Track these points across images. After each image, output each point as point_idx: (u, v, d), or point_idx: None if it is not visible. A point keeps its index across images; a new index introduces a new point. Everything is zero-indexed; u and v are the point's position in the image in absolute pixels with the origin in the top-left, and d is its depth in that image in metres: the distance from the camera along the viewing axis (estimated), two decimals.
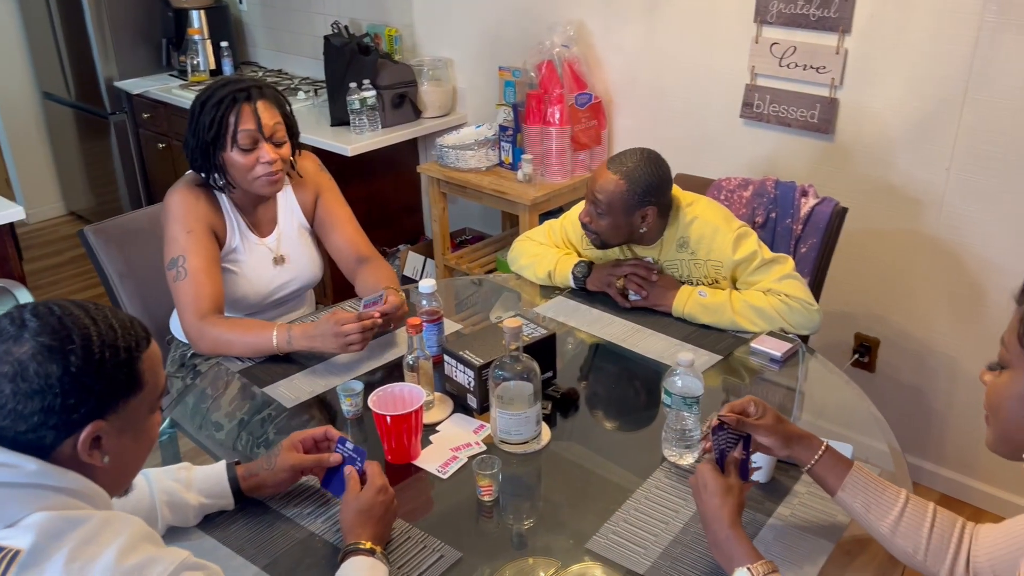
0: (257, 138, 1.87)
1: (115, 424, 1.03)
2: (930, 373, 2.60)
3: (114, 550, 0.95)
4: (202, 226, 1.92)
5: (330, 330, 1.76)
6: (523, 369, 1.49)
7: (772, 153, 2.70)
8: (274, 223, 2.06)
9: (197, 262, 1.89)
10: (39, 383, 0.97)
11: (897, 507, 1.22)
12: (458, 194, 3.21)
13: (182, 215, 1.91)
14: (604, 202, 1.90)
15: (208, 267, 1.90)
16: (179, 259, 1.89)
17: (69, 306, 1.02)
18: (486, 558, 1.32)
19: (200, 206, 1.94)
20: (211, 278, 1.90)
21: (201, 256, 1.90)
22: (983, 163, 2.31)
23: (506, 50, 3.28)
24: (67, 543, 0.94)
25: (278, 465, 1.39)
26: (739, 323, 1.90)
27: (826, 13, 2.44)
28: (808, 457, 1.27)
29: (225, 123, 1.86)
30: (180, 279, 1.88)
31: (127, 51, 4.19)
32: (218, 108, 1.85)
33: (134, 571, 0.95)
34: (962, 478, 2.62)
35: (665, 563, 1.28)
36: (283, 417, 1.67)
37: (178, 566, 0.98)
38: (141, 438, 1.08)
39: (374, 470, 1.35)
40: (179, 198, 1.93)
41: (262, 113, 1.87)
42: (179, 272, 1.88)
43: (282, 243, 2.07)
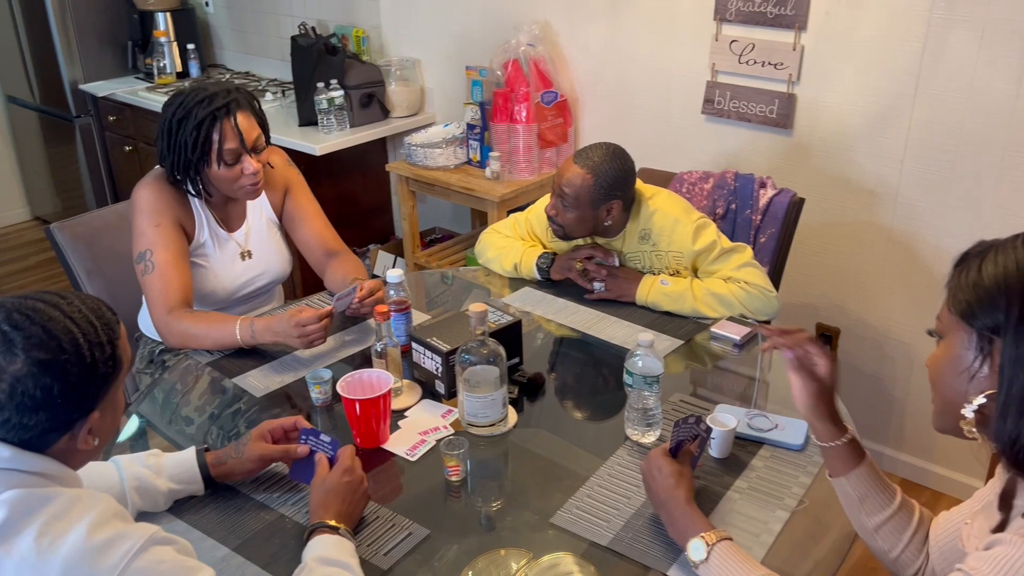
0: (241, 153, 1.88)
1: (103, 408, 1.07)
2: (888, 361, 2.67)
3: (84, 525, 0.97)
4: (170, 220, 1.93)
5: (291, 330, 1.78)
6: (489, 353, 1.53)
7: (733, 148, 2.77)
8: (243, 218, 2.08)
9: (165, 256, 1.89)
10: (41, 397, 1.00)
11: (890, 509, 1.22)
12: (427, 192, 3.24)
13: (150, 209, 1.92)
14: (571, 195, 1.94)
15: (176, 260, 1.91)
16: (147, 253, 1.90)
17: (42, 307, 1.03)
18: (454, 536, 1.35)
19: (168, 201, 1.95)
20: (179, 272, 1.91)
21: (169, 250, 1.91)
22: (934, 156, 2.38)
23: (473, 50, 3.32)
24: (38, 519, 0.96)
25: (245, 454, 1.41)
26: (700, 310, 1.95)
27: (783, 11, 2.51)
28: (828, 438, 1.24)
29: (209, 142, 1.86)
30: (148, 273, 1.89)
31: (92, 54, 4.17)
32: (199, 129, 1.85)
33: (104, 546, 0.97)
34: (921, 463, 2.70)
35: (627, 535, 1.32)
36: (254, 410, 1.68)
37: (147, 540, 1.00)
38: (118, 409, 1.12)
39: (344, 453, 1.38)
40: (147, 192, 1.94)
41: (242, 126, 1.87)
42: (147, 266, 1.90)
43: (250, 238, 2.08)
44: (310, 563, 1.20)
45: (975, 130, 2.29)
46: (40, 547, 0.94)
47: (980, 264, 1.00)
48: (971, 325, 0.99)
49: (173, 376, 1.83)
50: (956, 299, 1.01)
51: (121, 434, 1.62)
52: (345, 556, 1.21)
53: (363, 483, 1.37)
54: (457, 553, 1.31)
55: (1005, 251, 0.99)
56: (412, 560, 1.29)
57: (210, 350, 1.88)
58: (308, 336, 1.78)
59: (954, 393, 1.04)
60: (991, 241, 1.03)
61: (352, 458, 1.37)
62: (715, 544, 1.19)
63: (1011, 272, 0.97)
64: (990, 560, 0.92)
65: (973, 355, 1.00)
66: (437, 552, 1.31)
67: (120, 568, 0.96)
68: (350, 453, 1.38)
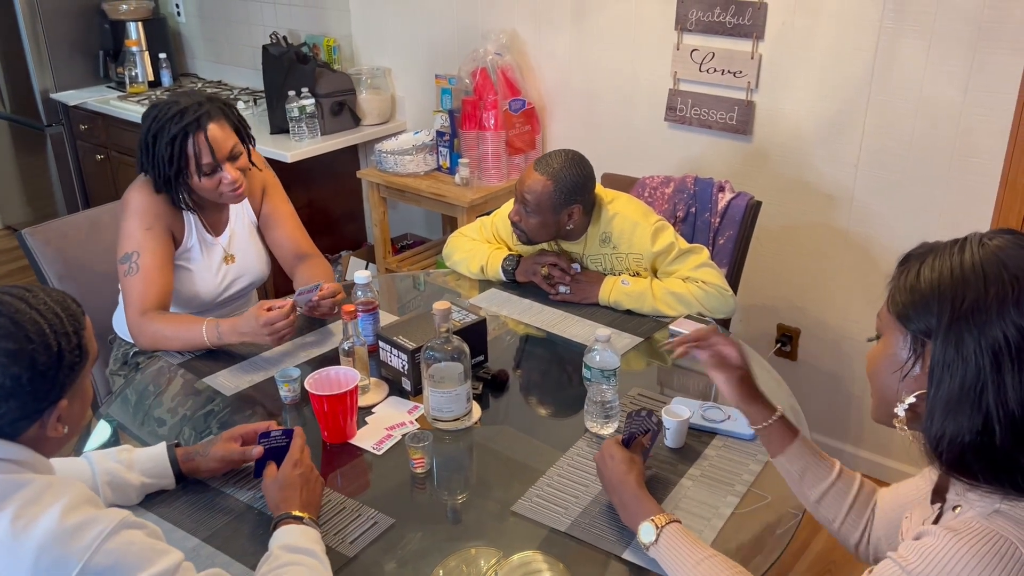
0: (217, 164, 1.91)
1: (71, 397, 1.11)
2: (847, 360, 2.76)
3: (57, 509, 1.01)
4: (161, 225, 1.97)
5: (258, 328, 1.82)
6: (453, 350, 1.58)
7: (695, 154, 2.85)
8: (227, 222, 2.12)
9: (150, 260, 1.93)
10: (10, 386, 1.04)
11: (829, 479, 1.30)
12: (398, 198, 3.29)
13: (142, 212, 1.95)
14: (532, 202, 2.00)
15: (161, 266, 1.94)
16: (133, 255, 1.93)
17: (8, 300, 1.08)
18: (419, 524, 1.39)
19: (160, 205, 1.98)
20: (162, 276, 1.94)
21: (156, 254, 1.94)
22: (887, 160, 2.47)
23: (442, 58, 3.38)
24: (12, 503, 1.00)
25: (210, 454, 1.46)
26: (660, 308, 2.01)
27: (741, 21, 2.59)
28: (760, 419, 1.33)
29: (185, 156, 1.89)
30: (131, 274, 1.92)
31: (63, 63, 4.18)
32: (173, 144, 1.88)
33: (76, 529, 1.01)
34: (879, 459, 2.78)
35: (584, 521, 1.38)
36: (226, 412, 1.71)
37: (118, 524, 1.04)
38: (85, 398, 1.16)
39: (293, 444, 1.42)
40: (139, 194, 1.97)
41: (216, 136, 1.90)
42: (131, 267, 1.93)
43: (233, 242, 2.12)
44: (276, 551, 1.24)
45: (924, 136, 2.38)
46: (15, 530, 0.98)
47: (919, 268, 1.03)
48: (906, 327, 1.04)
49: (146, 378, 1.86)
50: (894, 300, 1.06)
51: (92, 441, 1.65)
52: (310, 543, 1.25)
53: (313, 471, 1.41)
54: (421, 541, 1.35)
55: (943, 256, 1.03)
56: (377, 548, 1.34)
57: (180, 351, 1.91)
58: (278, 332, 1.82)
59: (888, 390, 1.09)
60: (932, 244, 1.07)
61: (300, 450, 1.41)
62: (664, 527, 1.24)
63: (945, 278, 1.00)
64: (916, 550, 0.97)
65: (907, 355, 1.04)
66: (402, 540, 1.35)
67: (92, 549, 1.00)
68: (296, 445, 1.42)
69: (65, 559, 0.98)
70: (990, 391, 0.96)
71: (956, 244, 1.04)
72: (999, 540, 0.94)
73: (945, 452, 1.00)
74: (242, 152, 1.98)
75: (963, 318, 0.97)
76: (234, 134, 1.97)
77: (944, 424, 0.99)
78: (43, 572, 0.98)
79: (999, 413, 0.95)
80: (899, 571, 0.97)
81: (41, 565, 0.98)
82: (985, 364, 0.96)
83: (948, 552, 0.95)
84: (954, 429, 0.98)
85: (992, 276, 0.98)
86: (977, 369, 0.96)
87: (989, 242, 1.02)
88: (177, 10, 4.39)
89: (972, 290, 0.98)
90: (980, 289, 0.98)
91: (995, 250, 1.00)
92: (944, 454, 1.01)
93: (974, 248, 1.02)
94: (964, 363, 0.97)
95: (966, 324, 0.97)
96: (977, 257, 1.00)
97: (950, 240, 1.07)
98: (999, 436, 0.96)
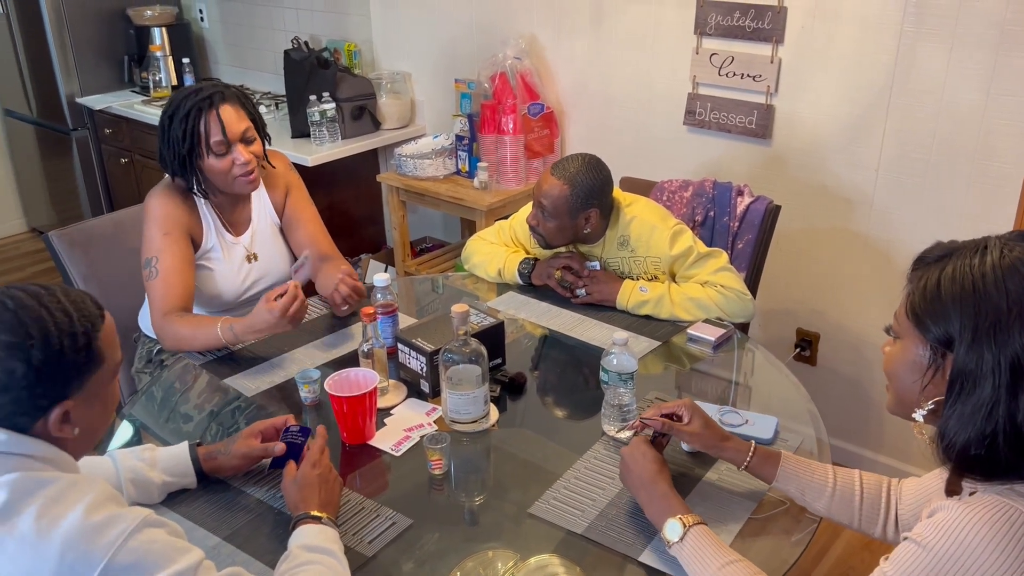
0: (229, 141, 1.94)
1: (80, 399, 1.11)
2: (866, 365, 2.74)
3: (81, 508, 1.03)
4: (180, 229, 1.99)
5: (273, 319, 1.81)
6: (471, 352, 1.59)
7: (714, 158, 2.84)
8: (248, 222, 2.14)
9: (169, 262, 1.96)
10: (4, 380, 1.05)
11: (828, 488, 1.35)
12: (417, 202, 3.31)
13: (160, 217, 1.99)
14: (549, 206, 2.00)
15: (180, 267, 1.97)
16: (153, 259, 1.96)
17: (21, 296, 1.08)
18: (436, 525, 1.40)
19: (178, 209, 2.01)
20: (182, 279, 1.97)
21: (176, 257, 1.97)
22: (908, 164, 2.46)
23: (461, 63, 3.40)
24: (37, 500, 1.02)
25: (232, 452, 1.48)
26: (678, 314, 2.01)
27: (760, 25, 2.59)
28: (740, 459, 1.40)
29: (197, 134, 1.92)
30: (152, 278, 1.96)
31: (89, 68, 4.24)
32: (187, 120, 1.92)
33: (100, 527, 1.02)
34: (899, 464, 2.76)
35: (601, 523, 1.38)
36: (252, 409, 1.73)
37: (140, 522, 1.06)
38: (107, 404, 1.16)
39: (314, 444, 1.43)
40: (158, 200, 2.01)
41: (229, 116, 1.94)
42: (152, 271, 1.96)
43: (255, 241, 2.14)
44: (294, 551, 1.25)
45: (946, 139, 2.37)
46: (40, 527, 1.00)
47: (939, 276, 1.04)
48: (924, 336, 1.05)
49: (170, 375, 1.89)
50: (913, 308, 1.06)
51: (115, 440, 1.67)
52: (328, 543, 1.27)
53: (332, 471, 1.42)
54: (438, 542, 1.36)
55: (963, 264, 1.03)
56: (395, 548, 1.35)
57: (201, 352, 1.93)
58: (296, 316, 1.83)
59: (907, 393, 1.11)
60: (948, 245, 1.08)
61: (319, 450, 1.42)
62: (691, 526, 1.25)
63: (967, 291, 1.01)
64: (931, 525, 1.01)
65: (926, 363, 1.06)
66: (419, 541, 1.36)
67: (116, 547, 1.01)
68: (317, 446, 1.43)
69: (89, 556, 1.00)
70: (1002, 407, 0.98)
71: (976, 250, 1.04)
72: (1010, 509, 0.97)
73: (956, 458, 1.03)
74: (256, 139, 2.01)
75: (984, 335, 0.99)
76: (248, 120, 1.99)
77: (957, 435, 1.01)
78: (67, 569, 0.99)
79: (1006, 428, 0.98)
80: (915, 547, 1.00)
81: (66, 561, 0.99)
82: (1002, 381, 0.98)
83: (961, 522, 0.98)
84: (965, 440, 1.00)
85: (1015, 293, 0.99)
86: (994, 386, 0.98)
87: (1010, 253, 1.01)
88: (200, 15, 4.44)
89: (994, 307, 0.99)
90: (1002, 307, 0.98)
91: (1017, 263, 1.00)
92: (954, 460, 1.03)
93: (995, 257, 1.02)
94: (983, 379, 0.99)
95: (987, 341, 0.99)
96: (999, 271, 1.00)
97: (968, 242, 1.07)
98: (1002, 449, 0.98)
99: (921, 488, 1.31)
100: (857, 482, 1.35)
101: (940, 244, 1.09)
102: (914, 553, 1.00)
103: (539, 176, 3.14)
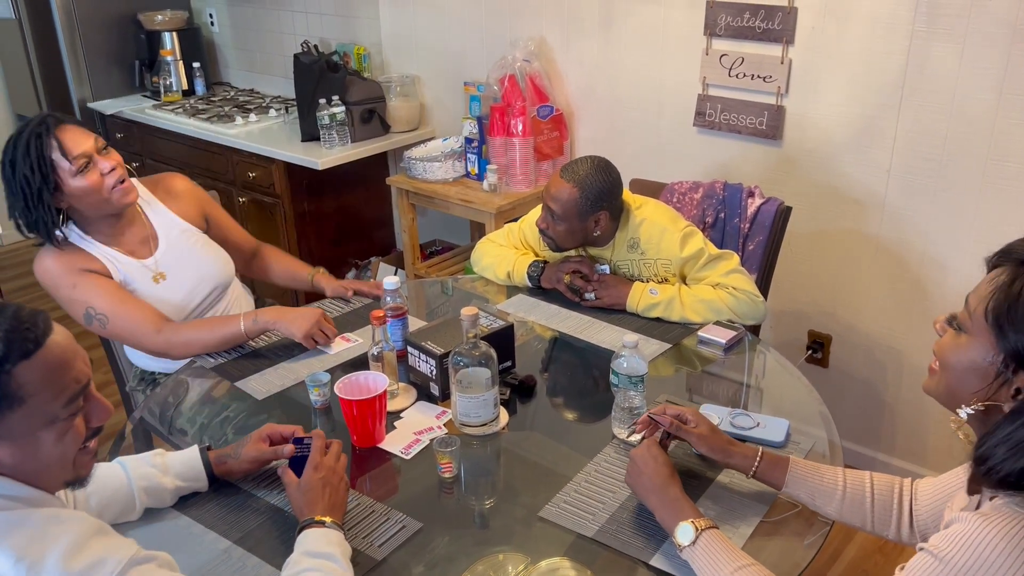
0: (88, 154, 1.81)
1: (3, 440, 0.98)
2: (879, 367, 2.72)
3: (59, 555, 0.96)
4: (83, 273, 1.87)
5: (311, 319, 1.91)
6: (480, 355, 1.58)
7: (724, 159, 2.83)
8: (151, 241, 2.02)
9: (107, 300, 1.86)
10: None
11: (838, 492, 1.34)
12: (426, 205, 3.31)
13: (59, 276, 1.86)
14: (559, 209, 2.00)
15: (119, 295, 1.88)
16: (89, 310, 1.86)
17: None
18: (446, 529, 1.40)
19: (71, 260, 1.88)
20: (132, 300, 1.89)
21: (107, 292, 1.86)
22: (920, 165, 2.44)
23: (470, 66, 3.40)
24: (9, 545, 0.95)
25: (242, 455, 1.48)
26: (689, 316, 2.00)
27: (770, 25, 2.58)
28: (747, 465, 1.39)
29: (45, 160, 1.77)
30: (106, 324, 1.87)
31: (100, 73, 4.26)
32: (29, 153, 1.76)
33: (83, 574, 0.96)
34: (913, 467, 2.74)
35: (612, 527, 1.38)
36: (263, 417, 1.73)
37: (127, 563, 1.01)
38: (45, 446, 1.01)
39: (313, 448, 1.41)
40: (45, 266, 1.87)
41: (73, 134, 1.82)
42: (101, 320, 1.86)
43: (164, 259, 2.01)
44: (296, 556, 1.24)
45: (958, 140, 2.35)
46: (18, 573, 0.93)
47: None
48: (1000, 344, 1.00)
49: (177, 386, 1.89)
50: (996, 311, 1.00)
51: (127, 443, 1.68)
52: (331, 547, 1.26)
53: (335, 473, 1.39)
54: (448, 545, 1.36)
55: None
56: (405, 551, 1.35)
57: (216, 351, 1.93)
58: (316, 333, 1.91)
59: (960, 389, 1.06)
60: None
61: (320, 453, 1.40)
62: (703, 530, 1.24)
63: None
64: (947, 537, 0.99)
65: (993, 371, 1.01)
66: (429, 544, 1.36)
67: None
68: (317, 447, 1.41)
69: None
70: None
71: None
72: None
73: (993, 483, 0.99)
74: (111, 149, 1.88)
75: None
76: (93, 135, 1.86)
77: (1004, 463, 0.97)
78: None
79: None
80: (932, 559, 0.99)
81: None
82: None
83: (978, 535, 0.96)
84: (1011, 470, 0.97)
85: None
86: None
87: None
88: (211, 20, 4.46)
89: None
90: None
91: None
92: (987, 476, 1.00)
93: None
94: None
95: None
96: None
97: None
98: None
99: (938, 488, 1.29)
100: (868, 484, 1.35)
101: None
102: (930, 565, 0.99)
103: (548, 178, 3.15)
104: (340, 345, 1.96)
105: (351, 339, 1.99)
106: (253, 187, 3.59)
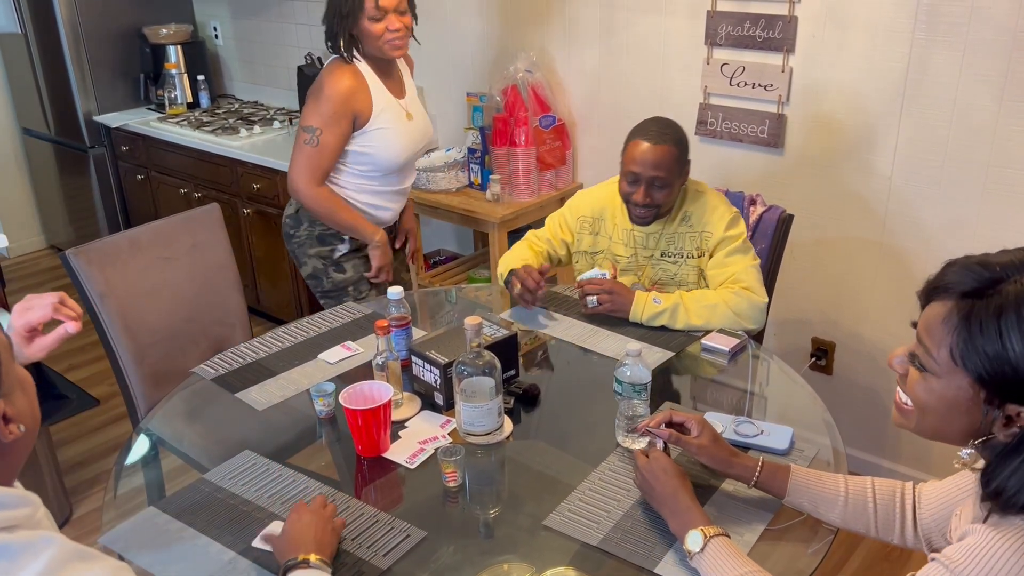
0: (385, 9, 2.26)
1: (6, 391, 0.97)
2: (883, 373, 2.72)
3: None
4: (348, 111, 2.30)
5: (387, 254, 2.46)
6: (484, 364, 1.59)
7: (727, 167, 2.84)
8: (402, 89, 2.48)
9: (331, 140, 2.31)
10: None
11: (841, 499, 1.34)
12: (430, 215, 3.32)
13: (335, 95, 2.29)
14: (664, 174, 2.01)
15: (337, 145, 2.33)
16: (316, 129, 2.30)
17: None
18: (451, 538, 1.40)
19: (351, 86, 2.30)
20: (332, 159, 2.35)
21: (337, 136, 2.32)
22: (921, 171, 2.45)
23: (473, 76, 3.42)
24: None
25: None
26: (693, 322, 2.01)
27: (771, 34, 2.59)
28: (748, 475, 1.40)
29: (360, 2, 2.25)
30: (311, 144, 2.31)
31: (106, 86, 4.29)
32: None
33: None
34: (918, 474, 2.73)
35: (616, 535, 1.38)
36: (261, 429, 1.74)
37: None
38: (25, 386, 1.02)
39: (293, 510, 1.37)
40: (334, 77, 2.31)
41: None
42: (313, 139, 2.31)
43: (410, 104, 2.49)
44: None
45: (959, 147, 2.36)
46: None
47: (999, 321, 0.95)
48: (980, 383, 0.98)
49: (183, 394, 1.90)
50: (965, 357, 0.98)
51: (133, 454, 1.68)
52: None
53: (320, 516, 1.34)
54: (453, 554, 1.36)
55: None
56: (409, 561, 1.35)
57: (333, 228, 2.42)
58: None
59: (948, 427, 1.05)
60: (982, 267, 0.99)
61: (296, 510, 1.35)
62: (712, 537, 1.25)
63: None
64: (960, 549, 0.99)
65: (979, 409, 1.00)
66: (434, 554, 1.36)
67: None
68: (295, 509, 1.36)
69: None
70: None
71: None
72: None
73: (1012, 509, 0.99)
74: (407, 12, 2.33)
75: None
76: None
77: (1018, 495, 0.96)
78: None
79: None
80: (945, 571, 0.98)
81: None
82: None
83: (991, 548, 0.96)
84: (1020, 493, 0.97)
85: None
86: None
87: None
88: (215, 33, 4.49)
89: None
90: None
91: None
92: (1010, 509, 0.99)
93: None
94: None
95: None
96: None
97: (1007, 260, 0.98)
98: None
99: (943, 493, 1.29)
100: (870, 489, 1.34)
101: (968, 265, 1.00)
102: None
103: (553, 187, 3.16)
104: (342, 354, 1.97)
105: (352, 348, 1.99)
106: (258, 198, 3.60)
